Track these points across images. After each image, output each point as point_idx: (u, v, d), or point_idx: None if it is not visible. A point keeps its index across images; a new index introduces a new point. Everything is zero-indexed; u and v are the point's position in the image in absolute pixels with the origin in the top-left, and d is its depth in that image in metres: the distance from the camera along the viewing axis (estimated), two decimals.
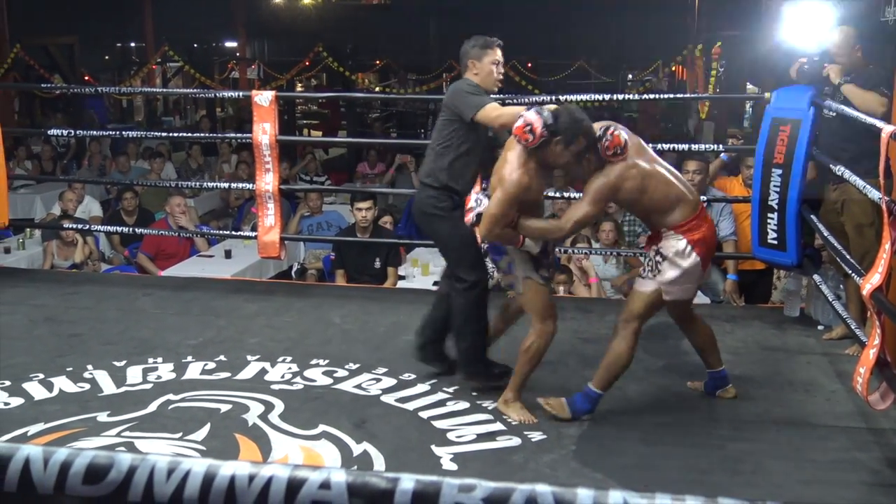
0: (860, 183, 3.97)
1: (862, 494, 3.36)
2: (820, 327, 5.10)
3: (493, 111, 3.98)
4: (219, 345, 4.84)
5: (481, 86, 4.11)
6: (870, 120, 3.87)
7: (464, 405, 4.08)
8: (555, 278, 6.35)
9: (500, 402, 3.98)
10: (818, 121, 4.79)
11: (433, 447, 3.68)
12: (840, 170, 4.30)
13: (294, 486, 0.65)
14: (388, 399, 4.17)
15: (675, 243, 3.72)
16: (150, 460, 0.68)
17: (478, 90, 4.08)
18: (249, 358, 4.64)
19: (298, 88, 20.51)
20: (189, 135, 11.08)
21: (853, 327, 4.25)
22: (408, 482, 0.66)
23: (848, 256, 4.26)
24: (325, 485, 0.66)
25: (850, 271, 4.18)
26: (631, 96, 8.72)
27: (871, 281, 3.55)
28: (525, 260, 3.83)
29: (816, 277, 4.90)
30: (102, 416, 3.94)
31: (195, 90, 13.90)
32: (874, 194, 3.72)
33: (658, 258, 3.77)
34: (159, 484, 0.67)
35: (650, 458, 3.60)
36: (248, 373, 4.46)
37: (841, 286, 4.90)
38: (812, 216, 4.81)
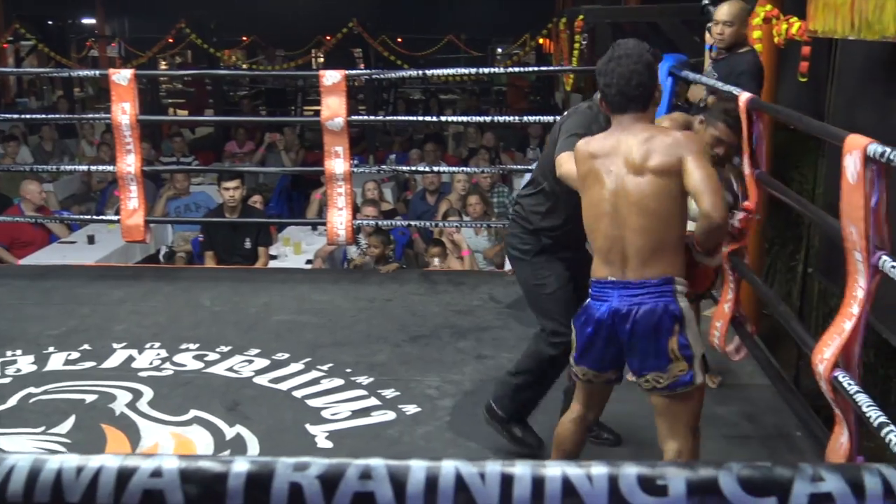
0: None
1: (722, 447, 3.51)
2: None
3: (562, 160, 3.08)
4: (83, 333, 4.67)
5: None
6: (727, 87, 3.99)
7: (338, 382, 4.07)
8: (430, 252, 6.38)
9: None
10: (675, 90, 4.95)
11: (308, 426, 3.66)
12: None
13: (124, 475, 0.64)
14: (261, 380, 4.12)
15: None
16: None
17: (581, 126, 3.16)
18: (115, 345, 4.50)
19: (163, 66, 19.89)
20: (44, 116, 10.58)
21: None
22: (241, 464, 0.65)
23: None
24: (157, 473, 0.65)
25: None
26: (499, 70, 8.80)
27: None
28: (698, 337, 2.70)
29: None
30: None
31: (48, 70, 13.28)
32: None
33: None
34: None
35: None
36: (114, 361, 4.32)
37: None
38: None
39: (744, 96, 3.65)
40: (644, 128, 2.64)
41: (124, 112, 5.53)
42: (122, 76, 5.56)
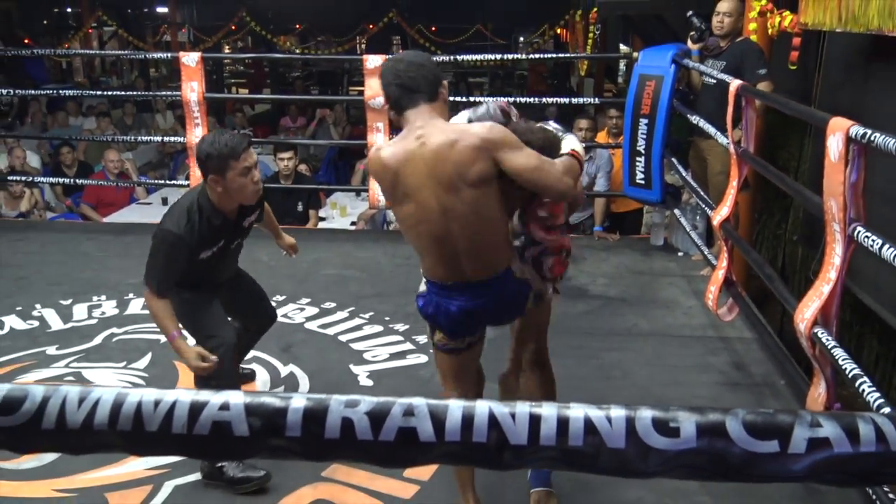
0: (712, 130, 4.05)
1: (714, 392, 3.49)
2: (679, 253, 5.25)
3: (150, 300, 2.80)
4: None
5: (236, 200, 2.80)
6: (720, 76, 3.93)
7: (377, 328, 4.08)
8: None
9: None
10: (677, 76, 4.86)
11: (351, 366, 3.68)
12: (696, 119, 4.38)
13: (196, 408, 0.63)
14: (312, 326, 4.14)
15: None
16: (62, 391, 0.65)
17: (174, 249, 2.83)
18: None
19: (226, 50, 19.84)
20: (124, 93, 10.60)
21: (706, 253, 4.38)
22: (299, 400, 0.64)
23: (702, 192, 4.36)
24: (225, 406, 0.64)
25: (703, 206, 4.29)
26: (522, 56, 8.69)
27: (721, 213, 3.66)
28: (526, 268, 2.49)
29: (676, 211, 5.02)
30: (51, 350, 3.81)
31: (127, 52, 13.28)
32: (722, 140, 3.80)
33: None
34: (71, 413, 0.64)
35: None
36: None
37: (698, 218, 5.04)
38: (672, 159, 4.90)
39: (734, 83, 3.57)
40: (438, 124, 2.18)
41: (192, 90, 5.52)
42: (190, 58, 5.54)
